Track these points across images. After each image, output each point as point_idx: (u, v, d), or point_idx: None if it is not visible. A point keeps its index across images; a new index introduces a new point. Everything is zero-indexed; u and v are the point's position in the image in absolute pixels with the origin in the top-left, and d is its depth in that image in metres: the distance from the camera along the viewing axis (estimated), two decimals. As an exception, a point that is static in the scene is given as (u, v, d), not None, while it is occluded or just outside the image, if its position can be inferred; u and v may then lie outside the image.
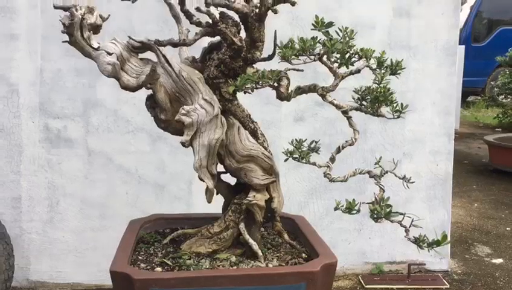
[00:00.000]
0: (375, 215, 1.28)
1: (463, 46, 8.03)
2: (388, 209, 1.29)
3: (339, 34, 1.34)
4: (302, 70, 1.44)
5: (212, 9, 1.39)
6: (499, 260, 3.24)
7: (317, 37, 1.36)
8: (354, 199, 1.31)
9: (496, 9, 11.47)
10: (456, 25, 2.85)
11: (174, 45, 1.40)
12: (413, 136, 2.95)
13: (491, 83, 10.13)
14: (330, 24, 1.32)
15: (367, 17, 2.78)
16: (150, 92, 1.46)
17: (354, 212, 1.31)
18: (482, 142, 5.98)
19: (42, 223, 2.71)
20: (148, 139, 2.72)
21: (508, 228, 3.83)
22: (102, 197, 2.73)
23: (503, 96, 8.39)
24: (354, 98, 1.44)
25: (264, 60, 1.50)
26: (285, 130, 2.84)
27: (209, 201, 1.42)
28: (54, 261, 2.73)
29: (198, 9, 1.35)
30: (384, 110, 1.41)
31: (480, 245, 3.48)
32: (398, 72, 1.35)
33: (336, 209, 1.33)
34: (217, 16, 1.38)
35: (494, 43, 10.88)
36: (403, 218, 1.36)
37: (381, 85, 1.33)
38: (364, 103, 1.42)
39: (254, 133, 1.52)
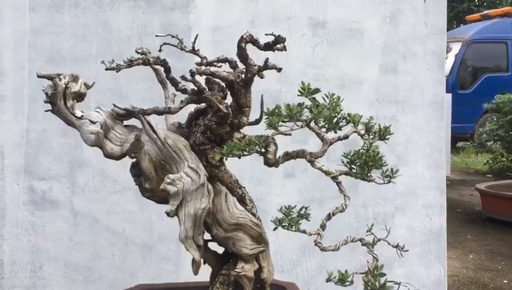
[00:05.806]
0: (369, 288, 1.22)
1: (450, 95, 8.18)
2: (383, 281, 1.23)
3: (325, 100, 1.33)
4: (290, 135, 1.42)
5: (198, 76, 1.37)
6: (499, 316, 3.15)
7: (303, 102, 1.35)
8: (346, 270, 1.25)
9: (479, 57, 11.79)
10: (442, 81, 2.88)
11: (159, 113, 1.38)
12: (405, 190, 2.92)
13: (479, 129, 10.26)
14: (317, 90, 1.31)
15: (354, 73, 2.81)
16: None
17: (347, 284, 1.25)
18: (474, 189, 5.97)
19: None
20: (135, 199, 2.66)
21: (505, 281, 3.75)
22: (88, 260, 2.63)
23: (492, 143, 8.47)
24: (343, 162, 1.41)
25: (251, 124, 1.48)
26: (276, 186, 2.80)
27: (196, 273, 1.36)
28: (35, 330, 2.60)
29: (183, 77, 1.34)
30: (375, 174, 1.38)
31: (479, 300, 3.40)
32: (387, 137, 1.33)
33: (328, 281, 1.27)
34: (203, 84, 1.36)
35: (480, 90, 11.13)
36: (398, 287, 1.30)
37: (370, 150, 1.31)
38: (353, 167, 1.39)
39: (242, 199, 1.48)
